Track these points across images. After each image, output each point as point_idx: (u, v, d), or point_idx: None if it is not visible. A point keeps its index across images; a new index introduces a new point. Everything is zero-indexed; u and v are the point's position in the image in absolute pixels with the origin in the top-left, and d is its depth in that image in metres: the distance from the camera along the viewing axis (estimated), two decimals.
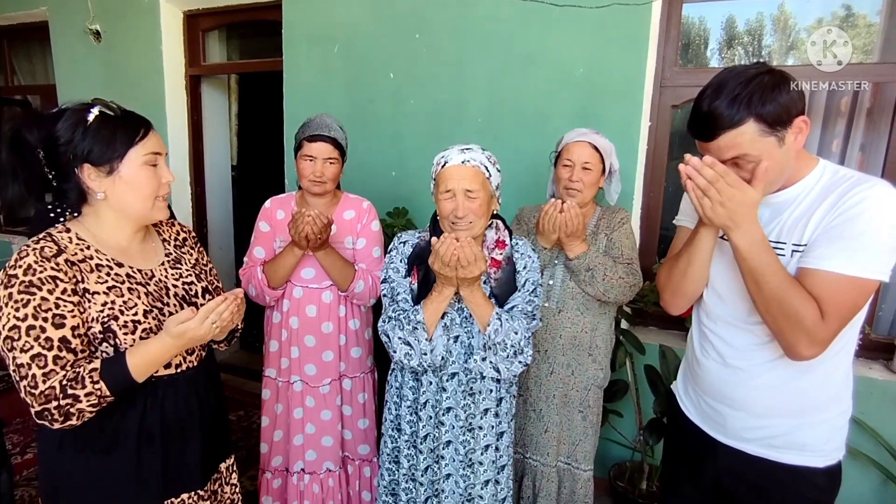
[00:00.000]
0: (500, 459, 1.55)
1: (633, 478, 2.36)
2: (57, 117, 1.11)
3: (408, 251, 1.54)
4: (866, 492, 2.15)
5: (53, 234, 1.13)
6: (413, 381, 1.54)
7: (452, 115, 2.63)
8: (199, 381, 1.28)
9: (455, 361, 1.48)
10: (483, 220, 1.46)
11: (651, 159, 2.44)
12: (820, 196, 1.12)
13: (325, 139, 1.84)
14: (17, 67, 4.34)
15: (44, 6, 3.61)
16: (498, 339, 1.41)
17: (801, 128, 1.08)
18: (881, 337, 2.28)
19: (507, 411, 1.56)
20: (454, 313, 1.48)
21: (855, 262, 1.04)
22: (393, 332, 1.45)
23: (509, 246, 1.54)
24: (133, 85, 3.41)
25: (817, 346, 1.08)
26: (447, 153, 1.47)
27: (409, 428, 1.55)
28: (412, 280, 1.51)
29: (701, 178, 1.06)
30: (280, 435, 2.03)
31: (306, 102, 2.93)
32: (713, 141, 1.09)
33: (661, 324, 2.58)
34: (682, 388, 1.44)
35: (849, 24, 2.30)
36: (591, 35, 2.33)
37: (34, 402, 1.04)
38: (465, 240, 1.32)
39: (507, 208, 2.51)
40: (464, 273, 1.34)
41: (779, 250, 1.16)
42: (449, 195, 1.43)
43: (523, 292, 1.51)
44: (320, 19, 2.83)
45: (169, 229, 1.38)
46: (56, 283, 1.06)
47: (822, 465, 1.20)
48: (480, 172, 1.44)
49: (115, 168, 1.12)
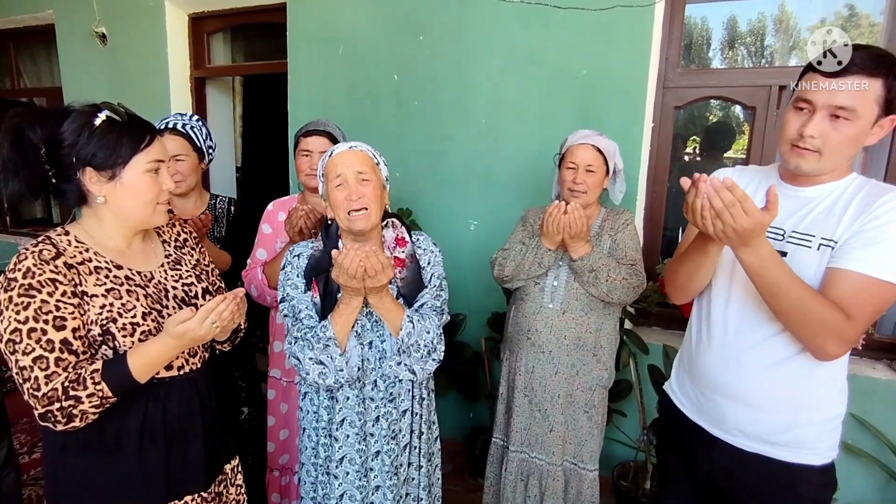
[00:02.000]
0: (420, 459, 1.52)
1: (637, 477, 2.36)
2: (62, 116, 1.10)
3: (303, 264, 1.45)
4: (869, 491, 2.15)
5: (52, 236, 1.13)
6: (328, 401, 1.45)
7: (455, 117, 2.65)
8: (201, 383, 1.28)
9: (374, 369, 1.42)
10: (378, 207, 1.40)
11: (654, 160, 2.45)
12: (852, 195, 1.14)
13: (320, 133, 1.90)
14: (23, 70, 4.37)
15: (50, 9, 3.64)
16: (411, 342, 1.36)
17: (886, 126, 1.11)
18: (885, 337, 2.29)
19: (423, 411, 1.53)
20: (364, 319, 1.41)
21: (883, 267, 1.06)
22: (303, 354, 1.34)
23: (411, 243, 1.50)
24: (138, 87, 3.44)
25: (846, 345, 1.11)
26: (332, 148, 1.44)
27: (323, 452, 1.47)
28: (313, 293, 1.43)
29: (718, 201, 1.02)
30: (286, 433, 2.05)
31: (310, 104, 2.95)
32: (840, 77, 1.09)
33: (665, 324, 2.59)
34: (678, 384, 1.44)
35: (852, 24, 2.30)
36: (594, 36, 2.34)
37: (37, 405, 1.04)
38: (370, 248, 1.26)
39: (511, 209, 2.53)
40: (372, 283, 1.27)
41: (805, 242, 1.17)
42: (339, 181, 1.37)
43: (431, 288, 1.47)
44: (324, 21, 2.85)
45: (170, 230, 1.37)
46: (55, 286, 1.06)
47: (819, 464, 1.21)
48: (369, 157, 1.42)
49: (117, 174, 1.12)
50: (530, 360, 1.88)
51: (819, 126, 1.11)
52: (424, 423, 1.53)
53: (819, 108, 1.11)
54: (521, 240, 1.91)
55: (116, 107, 1.14)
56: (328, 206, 1.43)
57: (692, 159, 2.80)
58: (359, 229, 1.38)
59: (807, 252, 1.16)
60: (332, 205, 1.40)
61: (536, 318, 1.85)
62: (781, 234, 1.22)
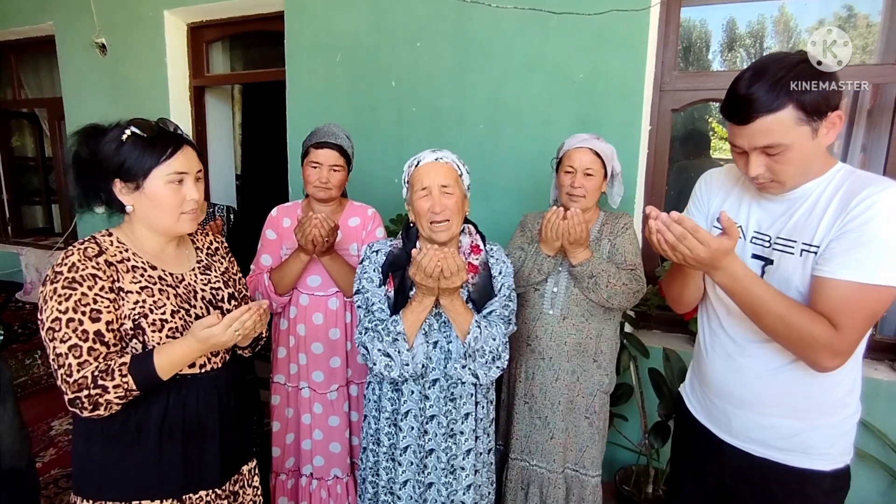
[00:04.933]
0: (478, 463, 1.56)
1: (640, 482, 2.35)
2: (104, 132, 1.22)
3: (381, 260, 1.53)
4: (873, 493, 2.14)
5: (97, 237, 1.23)
6: (392, 392, 1.53)
7: (454, 122, 2.65)
8: (220, 382, 1.34)
9: (435, 368, 1.49)
10: (459, 218, 1.47)
11: (652, 163, 2.45)
12: (832, 193, 1.10)
13: (331, 146, 1.87)
14: (25, 81, 4.40)
15: (50, 20, 3.67)
16: (477, 346, 1.42)
17: (835, 122, 1.06)
18: (887, 338, 2.28)
19: (483, 416, 1.57)
20: (432, 319, 1.48)
21: (871, 270, 1.02)
22: (372, 344, 1.44)
23: (484, 251, 1.56)
24: (138, 97, 3.46)
25: (840, 356, 1.07)
26: (419, 155, 1.50)
27: (387, 440, 1.54)
28: (388, 288, 1.51)
29: (669, 234, 1.04)
30: (291, 438, 2.05)
31: (309, 111, 2.95)
32: (748, 125, 1.06)
33: (665, 327, 2.58)
34: (690, 388, 1.45)
35: (850, 25, 2.30)
36: (590, 41, 2.34)
37: (68, 390, 1.11)
38: (448, 251, 1.33)
39: (509, 214, 2.53)
40: (446, 284, 1.34)
41: (788, 249, 1.14)
42: (424, 193, 1.44)
43: (500, 297, 1.52)
44: (322, 29, 2.86)
45: (203, 239, 1.47)
46: (95, 281, 1.16)
47: (829, 469, 1.19)
48: (454, 169, 1.47)
49: (140, 185, 1.20)
50: (530, 367, 1.87)
51: (759, 166, 1.10)
52: (482, 429, 1.57)
53: (749, 151, 1.10)
54: (520, 245, 1.90)
55: (148, 122, 1.23)
56: (411, 211, 1.51)
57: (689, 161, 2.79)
58: (440, 241, 1.45)
59: (791, 259, 1.14)
60: (415, 212, 1.48)
61: (536, 325, 1.84)
62: (768, 240, 1.20)
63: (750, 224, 1.24)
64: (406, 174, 1.52)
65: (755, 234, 1.22)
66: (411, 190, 1.48)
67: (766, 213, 1.21)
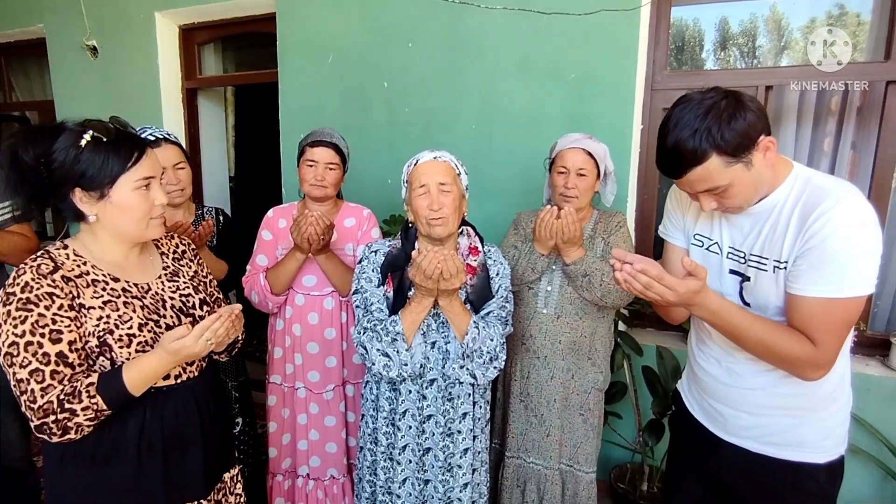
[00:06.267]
0: (475, 462, 1.57)
1: (634, 479, 2.36)
2: (55, 134, 1.10)
3: (379, 260, 1.55)
4: (866, 488, 2.15)
5: (51, 251, 1.15)
6: (390, 392, 1.54)
7: (446, 123, 2.65)
8: (199, 391, 1.29)
9: (433, 368, 1.50)
10: (457, 217, 1.49)
11: (644, 162, 2.46)
12: (792, 206, 1.13)
13: (327, 144, 1.89)
14: (15, 84, 4.37)
15: (41, 23, 3.64)
16: (475, 347, 1.43)
17: (768, 146, 1.08)
18: (877, 333, 2.29)
19: (480, 416, 1.58)
20: (430, 319, 1.50)
21: (837, 285, 1.05)
22: (370, 344, 1.45)
23: (482, 252, 1.58)
24: (130, 99, 3.44)
25: (824, 368, 1.12)
26: (418, 155, 1.52)
27: (385, 440, 1.55)
28: (387, 288, 1.52)
29: (637, 283, 1.08)
30: (288, 438, 2.05)
31: (302, 112, 2.95)
32: (683, 178, 1.11)
33: (658, 325, 2.59)
34: (686, 387, 1.47)
35: (841, 23, 2.31)
36: (581, 41, 2.35)
37: (33, 417, 1.05)
38: (448, 253, 1.34)
39: (503, 213, 2.53)
40: (446, 285, 1.36)
41: (762, 266, 1.17)
42: (423, 190, 1.46)
43: (498, 299, 1.54)
44: (314, 30, 2.85)
45: (168, 242, 1.39)
46: (52, 300, 1.08)
47: (824, 461, 1.22)
48: (452, 168, 1.50)
49: (105, 193, 1.12)
50: (525, 366, 1.88)
51: (709, 203, 1.14)
52: (479, 428, 1.58)
53: (696, 193, 1.14)
54: (513, 244, 1.91)
55: (104, 124, 1.14)
56: (409, 210, 1.52)
57: None
58: (438, 236, 1.46)
59: (766, 276, 1.17)
60: (413, 211, 1.49)
61: (531, 324, 1.85)
62: (742, 256, 1.22)
63: (724, 240, 1.27)
64: (405, 174, 1.53)
65: (731, 250, 1.25)
66: (410, 188, 1.50)
67: (736, 230, 1.24)
